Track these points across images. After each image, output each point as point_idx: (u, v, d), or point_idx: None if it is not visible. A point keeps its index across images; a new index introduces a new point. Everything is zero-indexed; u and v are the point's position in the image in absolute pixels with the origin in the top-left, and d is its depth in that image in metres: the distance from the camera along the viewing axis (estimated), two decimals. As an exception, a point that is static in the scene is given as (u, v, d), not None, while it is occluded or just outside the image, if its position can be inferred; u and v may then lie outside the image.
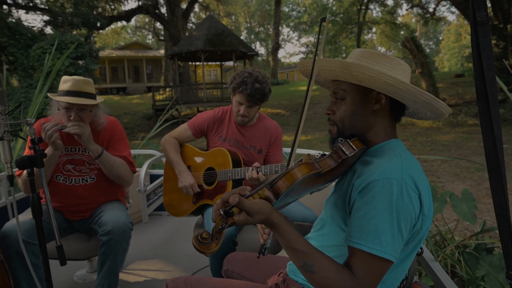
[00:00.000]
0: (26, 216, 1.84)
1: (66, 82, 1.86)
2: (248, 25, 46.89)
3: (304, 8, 38.49)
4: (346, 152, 1.01)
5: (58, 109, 1.89)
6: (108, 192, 2.07)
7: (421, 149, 9.40)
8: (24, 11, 21.02)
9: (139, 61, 30.55)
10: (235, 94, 2.05)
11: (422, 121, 13.57)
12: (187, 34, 21.86)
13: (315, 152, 3.28)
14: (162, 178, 2.68)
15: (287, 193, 0.94)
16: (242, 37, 40.50)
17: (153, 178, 3.63)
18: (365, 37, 38.80)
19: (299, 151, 3.50)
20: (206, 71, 31.41)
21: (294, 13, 40.42)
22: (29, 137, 1.44)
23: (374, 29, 37.72)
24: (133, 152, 3.84)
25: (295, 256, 0.94)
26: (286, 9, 39.49)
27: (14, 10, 20.24)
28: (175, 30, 21.79)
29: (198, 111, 18.06)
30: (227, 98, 17.31)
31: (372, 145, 1.08)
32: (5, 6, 19.42)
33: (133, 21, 35.92)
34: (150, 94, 20.10)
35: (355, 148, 1.02)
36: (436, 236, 2.94)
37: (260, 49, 49.47)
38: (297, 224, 1.36)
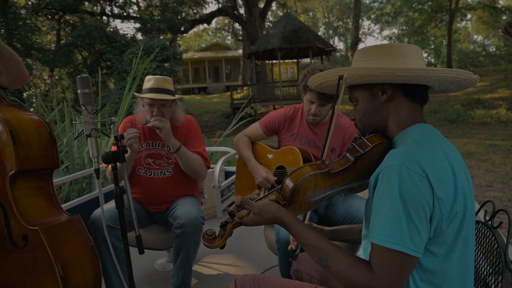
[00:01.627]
0: (112, 204, 2.03)
1: (149, 81, 2.04)
2: (326, 20, 45.88)
3: (386, -2, 36.30)
4: (359, 149, 1.03)
5: (143, 106, 2.07)
6: (183, 186, 2.18)
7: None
8: (119, 20, 23.30)
9: (219, 61, 31.86)
10: (306, 93, 2.00)
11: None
12: (264, 33, 22.17)
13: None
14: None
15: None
16: (319, 33, 39.80)
17: (227, 174, 3.73)
18: (458, 25, 35.12)
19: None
20: (283, 69, 31.54)
21: (375, 4, 38.35)
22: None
23: (469, 16, 33.99)
24: (210, 149, 4.00)
25: (309, 252, 0.96)
26: (367, 1, 37.68)
27: (111, 20, 22.65)
28: (253, 30, 22.24)
29: (274, 109, 18.19)
30: (303, 95, 17.15)
31: (394, 137, 1.05)
32: (104, 17, 21.84)
33: (213, 23, 37.61)
34: (229, 93, 20.83)
35: (369, 144, 1.03)
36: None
37: (339, 44, 48.07)
38: (331, 230, 1.33)
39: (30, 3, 20.13)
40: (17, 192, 1.56)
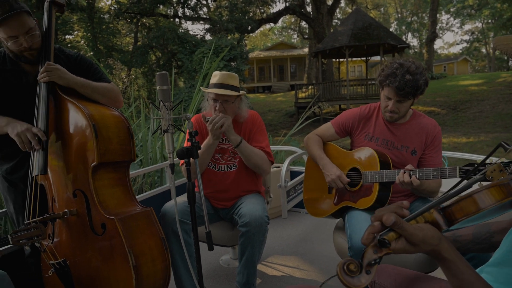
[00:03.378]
0: (182, 198, 2.07)
1: (215, 76, 2.07)
2: (399, 15, 43.45)
3: (469, -10, 33.20)
4: None
5: (207, 100, 2.09)
6: (248, 181, 2.18)
7: None
8: (190, 22, 24.39)
9: (284, 60, 31.86)
10: (383, 88, 1.85)
11: None
12: (331, 30, 21.66)
13: (477, 158, 2.73)
14: (302, 175, 2.65)
15: (466, 221, 0.76)
16: (391, 29, 37.84)
17: (293, 175, 3.66)
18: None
19: (458, 155, 2.98)
20: (350, 68, 30.57)
21: (456, -4, 35.32)
22: (188, 130, 1.59)
23: None
24: (275, 148, 3.96)
25: None
26: (446, -6, 34.81)
27: (183, 22, 23.85)
28: (320, 28, 21.84)
29: (340, 109, 17.72)
30: (371, 95, 16.43)
31: None
32: (176, 19, 23.04)
33: (279, 22, 37.66)
34: (293, 92, 20.71)
35: None
36: None
37: (412, 40, 45.27)
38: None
39: (112, 8, 21.99)
40: (97, 182, 1.65)
